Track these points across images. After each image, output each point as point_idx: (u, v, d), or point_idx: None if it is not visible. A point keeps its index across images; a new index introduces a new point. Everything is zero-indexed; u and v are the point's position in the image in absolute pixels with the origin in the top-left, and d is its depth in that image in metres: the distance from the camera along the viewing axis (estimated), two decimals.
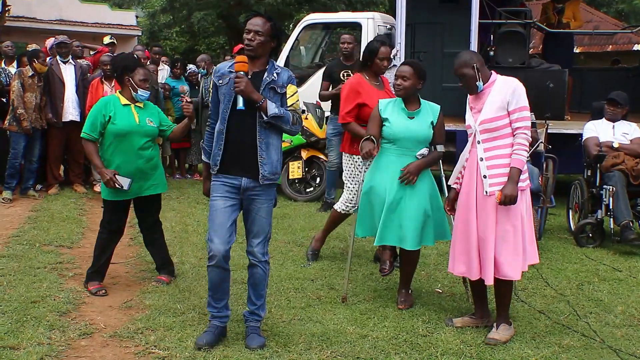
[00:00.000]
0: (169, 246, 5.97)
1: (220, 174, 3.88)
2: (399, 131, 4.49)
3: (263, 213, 3.93)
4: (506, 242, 3.98)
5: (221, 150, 3.84)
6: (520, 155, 3.94)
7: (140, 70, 4.93)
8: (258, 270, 3.98)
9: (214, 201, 3.88)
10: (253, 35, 3.78)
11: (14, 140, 8.11)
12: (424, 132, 4.51)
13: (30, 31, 22.30)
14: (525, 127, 3.96)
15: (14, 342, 3.84)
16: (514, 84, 4.03)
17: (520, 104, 3.96)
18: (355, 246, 5.98)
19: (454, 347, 3.97)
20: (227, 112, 3.83)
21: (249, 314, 4.04)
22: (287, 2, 18.29)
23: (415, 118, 4.52)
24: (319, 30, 11.20)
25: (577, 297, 4.93)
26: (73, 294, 4.76)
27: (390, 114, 4.55)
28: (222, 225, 3.82)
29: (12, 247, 5.97)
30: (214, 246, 3.81)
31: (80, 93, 8.56)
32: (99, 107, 4.84)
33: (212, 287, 3.92)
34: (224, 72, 3.89)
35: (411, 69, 4.49)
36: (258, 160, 3.83)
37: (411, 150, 4.49)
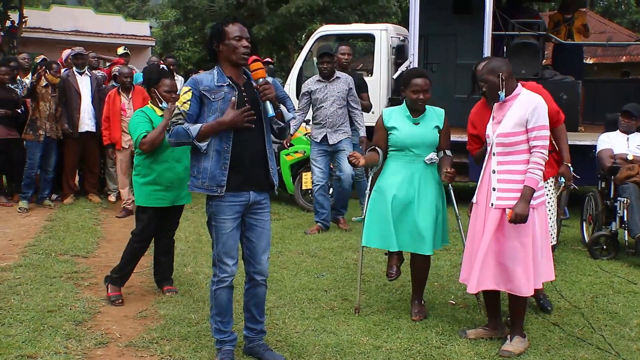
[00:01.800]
0: (183, 256, 6.05)
1: (227, 193, 3.63)
2: (406, 138, 4.53)
3: (268, 225, 3.83)
4: (516, 259, 3.96)
5: (226, 170, 3.61)
6: (534, 175, 3.89)
7: (165, 81, 4.98)
8: (263, 289, 3.88)
9: (223, 224, 3.66)
10: (247, 41, 3.61)
11: (30, 150, 8.24)
12: (430, 137, 4.54)
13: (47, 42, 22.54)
14: (543, 146, 3.91)
15: (32, 351, 3.89)
16: (536, 101, 3.96)
17: (540, 122, 3.90)
18: (368, 257, 6.01)
19: (467, 359, 3.97)
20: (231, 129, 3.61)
21: (254, 333, 3.93)
22: (300, 13, 18.33)
23: (421, 123, 4.56)
24: (332, 42, 11.24)
25: (592, 309, 4.91)
26: (89, 303, 4.81)
27: (395, 122, 4.59)
28: (232, 248, 3.70)
29: (28, 256, 6.04)
30: (228, 269, 3.69)
31: (96, 104, 8.66)
32: (141, 116, 4.90)
33: (222, 311, 3.76)
34: (212, 86, 3.62)
35: (427, 80, 4.52)
36: (270, 171, 3.73)
37: (419, 155, 4.53)
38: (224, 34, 3.61)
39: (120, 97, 8.10)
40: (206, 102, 3.62)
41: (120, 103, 8.05)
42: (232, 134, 3.61)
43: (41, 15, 24.57)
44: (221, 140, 3.61)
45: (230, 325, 3.83)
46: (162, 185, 4.90)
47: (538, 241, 4.01)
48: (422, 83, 4.48)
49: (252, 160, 3.68)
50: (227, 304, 3.76)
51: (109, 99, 8.14)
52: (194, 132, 3.55)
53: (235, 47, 3.59)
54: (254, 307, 3.90)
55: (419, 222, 4.47)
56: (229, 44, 3.60)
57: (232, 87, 3.63)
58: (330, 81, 7.30)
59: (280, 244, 6.75)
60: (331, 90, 7.26)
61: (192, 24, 22.06)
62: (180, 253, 5.96)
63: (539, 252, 4.02)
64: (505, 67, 4.05)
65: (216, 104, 3.60)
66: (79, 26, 25.43)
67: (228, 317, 3.80)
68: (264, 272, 3.83)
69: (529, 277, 3.97)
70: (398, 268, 5.01)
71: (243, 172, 3.65)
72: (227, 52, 3.63)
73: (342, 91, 7.26)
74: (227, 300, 3.75)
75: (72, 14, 26.08)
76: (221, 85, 3.62)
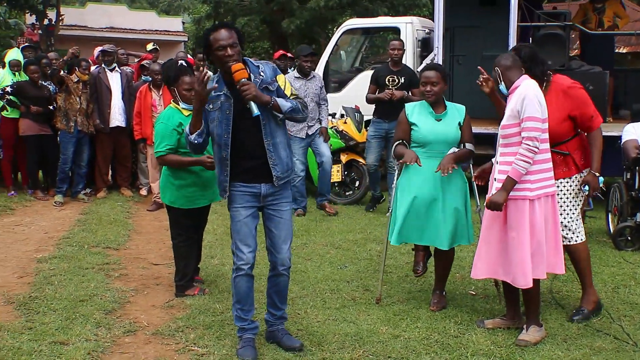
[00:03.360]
0: (210, 248, 6.21)
1: (238, 182, 3.80)
2: (428, 134, 4.58)
3: (287, 215, 3.94)
4: (513, 249, 4.04)
5: (227, 176, 3.78)
6: (518, 166, 3.92)
7: (185, 79, 4.89)
8: (284, 279, 4.00)
9: (236, 212, 3.82)
10: (230, 49, 3.63)
11: (63, 146, 8.50)
12: (452, 134, 4.59)
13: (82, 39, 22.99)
14: (529, 137, 3.92)
15: (64, 338, 4.08)
16: (525, 92, 3.99)
17: (527, 113, 3.93)
18: (392, 249, 6.08)
19: (484, 347, 4.03)
20: (228, 137, 3.72)
21: (274, 318, 4.07)
22: (330, 6, 18.34)
23: (443, 120, 4.60)
24: (358, 35, 11.31)
25: (612, 300, 4.93)
26: (119, 293, 4.99)
27: (417, 118, 4.63)
28: (248, 235, 3.83)
29: (62, 248, 6.27)
30: (244, 256, 3.81)
31: (126, 99, 8.88)
32: (166, 125, 4.82)
33: (241, 298, 3.89)
34: (211, 96, 3.71)
35: (438, 73, 4.59)
36: (269, 163, 3.78)
37: (441, 152, 4.57)
38: (210, 43, 3.68)
39: (152, 93, 8.28)
40: (206, 112, 3.75)
41: (152, 99, 8.24)
42: (229, 141, 3.73)
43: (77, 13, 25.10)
44: (220, 148, 3.78)
45: (250, 314, 3.96)
46: (200, 185, 4.91)
47: (537, 233, 4.03)
48: (430, 75, 4.56)
49: (253, 158, 3.78)
50: (246, 292, 3.90)
51: (140, 95, 8.33)
52: (187, 130, 3.78)
53: (220, 57, 3.65)
54: (275, 294, 4.05)
55: (439, 218, 4.54)
56: (215, 55, 3.68)
57: (228, 97, 3.73)
58: (308, 79, 7.92)
59: (305, 235, 6.87)
60: (310, 88, 7.87)
61: (223, 19, 22.23)
62: (207, 245, 6.12)
63: (537, 243, 4.03)
64: (503, 60, 4.14)
65: (214, 113, 3.76)
66: (113, 23, 25.93)
67: (248, 305, 3.94)
68: (284, 261, 3.95)
69: (525, 269, 4.01)
70: (424, 264, 5.08)
71: (247, 170, 3.80)
72: (216, 61, 3.72)
73: (317, 89, 7.99)
74: (246, 288, 3.89)
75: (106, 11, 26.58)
76: (218, 94, 3.73)
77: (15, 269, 5.61)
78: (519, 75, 4.12)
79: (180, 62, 4.95)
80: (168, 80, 4.99)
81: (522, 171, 3.95)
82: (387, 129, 7.78)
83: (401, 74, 7.90)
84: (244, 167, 3.79)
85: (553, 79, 4.42)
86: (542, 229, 4.05)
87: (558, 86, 4.38)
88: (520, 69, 4.15)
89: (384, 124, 7.86)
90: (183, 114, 4.88)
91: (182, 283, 4.98)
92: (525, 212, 4.00)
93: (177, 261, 5.04)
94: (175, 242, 5.03)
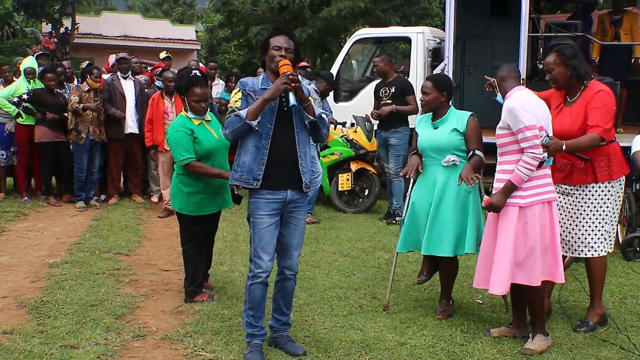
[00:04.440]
0: (220, 255, 6.26)
1: (264, 190, 3.88)
2: (423, 141, 4.70)
3: (302, 224, 4.05)
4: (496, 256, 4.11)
5: (263, 165, 3.85)
6: (520, 172, 3.99)
7: (196, 91, 4.91)
8: (291, 283, 4.09)
9: (260, 219, 3.89)
10: (284, 51, 3.87)
11: (76, 155, 8.60)
12: (443, 140, 4.62)
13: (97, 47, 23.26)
14: (530, 146, 3.96)
15: (74, 342, 4.14)
16: (510, 104, 4.05)
17: (519, 125, 3.98)
18: (400, 257, 6.09)
19: (489, 356, 4.06)
20: (270, 127, 3.87)
21: (279, 324, 4.14)
22: (342, 15, 18.44)
23: (440, 127, 4.67)
24: (370, 45, 11.36)
25: (619, 310, 4.93)
26: (128, 298, 5.05)
27: (421, 127, 4.78)
28: (269, 243, 3.90)
29: (74, 253, 6.34)
30: (263, 263, 3.88)
31: (139, 107, 8.98)
32: (182, 132, 4.82)
33: (254, 305, 3.96)
34: (257, 88, 3.92)
35: (431, 83, 4.68)
36: (300, 169, 3.93)
37: (436, 159, 4.64)
38: (268, 44, 3.94)
39: (164, 100, 8.37)
40: (250, 102, 3.90)
41: (164, 106, 8.31)
42: (271, 132, 3.86)
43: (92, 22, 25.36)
44: (261, 137, 3.87)
45: (261, 321, 4.03)
46: (210, 193, 4.96)
47: (530, 240, 4.06)
48: (424, 85, 4.72)
49: (285, 160, 3.90)
50: (260, 299, 3.97)
51: (153, 102, 8.41)
52: (244, 113, 3.83)
53: (273, 55, 3.90)
54: (282, 299, 4.11)
55: (437, 224, 4.58)
56: (270, 54, 3.92)
57: None
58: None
59: (314, 243, 6.91)
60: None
61: (236, 28, 22.39)
62: (217, 252, 6.16)
63: (530, 250, 4.06)
64: (499, 71, 4.27)
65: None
66: (127, 31, 26.17)
67: (260, 312, 4.00)
68: (293, 267, 4.04)
69: (500, 276, 4.07)
70: (428, 273, 5.09)
71: (278, 169, 3.88)
72: (268, 62, 3.95)
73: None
74: (260, 296, 3.96)
75: (121, 20, 26.85)
76: (265, 88, 3.90)
77: (28, 274, 5.68)
78: (514, 86, 4.20)
79: (194, 72, 4.97)
80: (180, 90, 5.05)
81: (524, 178, 4.00)
82: (385, 137, 8.22)
83: (392, 84, 8.19)
84: (273, 165, 3.87)
85: (590, 84, 4.38)
86: (537, 236, 4.07)
87: (590, 91, 4.35)
88: (517, 80, 4.23)
89: (381, 132, 8.31)
90: (193, 122, 4.93)
91: (192, 289, 5.03)
92: (512, 219, 4.05)
93: (186, 267, 5.10)
94: (185, 248, 5.08)
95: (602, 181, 4.38)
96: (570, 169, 4.42)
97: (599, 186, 4.39)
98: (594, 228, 4.41)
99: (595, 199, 4.40)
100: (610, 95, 4.36)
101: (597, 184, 4.39)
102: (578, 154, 4.36)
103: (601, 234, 4.42)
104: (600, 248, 4.44)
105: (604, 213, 4.41)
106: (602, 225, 4.41)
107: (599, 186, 4.39)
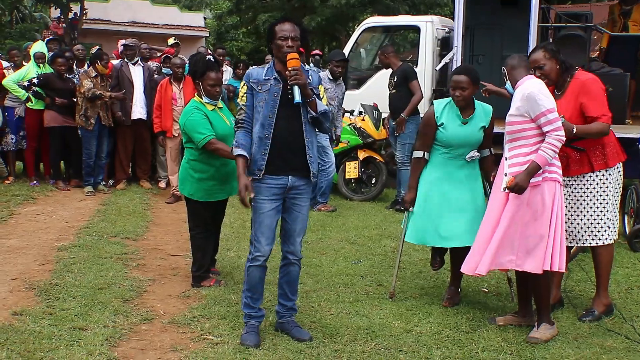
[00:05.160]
0: (227, 241, 6.30)
1: (266, 175, 3.93)
2: (453, 138, 4.57)
3: (305, 210, 4.09)
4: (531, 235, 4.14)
5: (266, 155, 3.90)
6: (545, 153, 3.98)
7: (211, 75, 4.93)
8: (295, 268, 4.13)
9: (260, 204, 3.95)
10: (291, 41, 3.86)
11: (85, 140, 8.63)
12: (474, 138, 4.59)
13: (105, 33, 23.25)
14: (554, 129, 3.98)
15: (83, 324, 4.18)
16: (527, 90, 4.05)
17: (540, 109, 3.99)
18: (407, 245, 6.08)
19: (495, 344, 4.08)
20: (272, 117, 3.89)
21: (285, 310, 4.17)
22: (351, 4, 18.38)
23: (469, 123, 4.58)
24: (378, 33, 11.33)
25: (625, 300, 4.94)
26: (136, 282, 5.09)
27: (445, 119, 4.59)
28: (269, 228, 3.97)
29: (82, 237, 6.38)
30: (261, 247, 3.95)
31: (148, 93, 9.00)
32: (198, 113, 4.87)
33: (252, 287, 4.04)
34: (261, 79, 3.95)
35: (468, 78, 4.48)
36: (307, 159, 3.96)
37: (461, 155, 4.61)
38: (274, 33, 3.93)
39: (172, 86, 8.39)
40: (254, 93, 3.95)
41: (172, 92, 8.33)
42: (273, 122, 3.90)
43: (101, 7, 25.31)
44: (263, 128, 3.91)
45: (259, 302, 4.10)
46: (219, 179, 4.99)
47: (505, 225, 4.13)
48: (460, 80, 4.48)
49: (291, 147, 3.95)
50: (258, 281, 4.05)
51: (161, 88, 8.42)
52: (234, 153, 3.99)
53: (280, 45, 3.89)
54: (287, 284, 4.15)
55: (452, 217, 4.58)
56: (276, 43, 3.91)
57: (278, 80, 3.93)
58: (337, 84, 8.23)
59: (321, 230, 6.93)
60: (337, 92, 8.18)
61: (245, 15, 22.36)
62: (224, 238, 6.19)
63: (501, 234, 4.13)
64: (510, 60, 4.28)
65: (261, 95, 3.94)
66: (136, 17, 26.13)
67: (258, 294, 4.08)
68: (296, 252, 4.09)
69: (477, 254, 4.20)
70: (442, 258, 5.10)
71: (282, 157, 3.93)
72: (275, 50, 3.96)
73: (342, 94, 8.32)
74: (258, 278, 4.04)
75: (130, 6, 26.76)
76: (268, 78, 3.94)
77: (37, 257, 5.73)
78: (524, 75, 4.20)
79: (209, 57, 5.01)
80: (194, 74, 5.03)
81: (549, 159, 4.01)
82: (395, 126, 8.18)
83: (395, 74, 8.23)
84: (278, 153, 3.91)
85: (575, 75, 4.42)
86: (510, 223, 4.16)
87: (576, 81, 4.40)
88: (527, 69, 4.22)
89: (392, 122, 8.33)
90: (207, 108, 4.95)
91: (199, 274, 5.06)
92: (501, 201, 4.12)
93: (194, 252, 5.13)
94: (193, 233, 5.11)
95: (599, 170, 4.43)
96: (566, 161, 4.45)
97: (596, 175, 4.44)
98: (595, 217, 4.44)
99: (593, 187, 4.45)
100: (598, 82, 4.42)
101: (594, 173, 4.43)
102: (573, 146, 4.41)
103: (604, 222, 4.45)
104: (605, 236, 4.46)
105: (604, 201, 4.45)
106: (603, 214, 4.44)
107: (596, 175, 4.44)
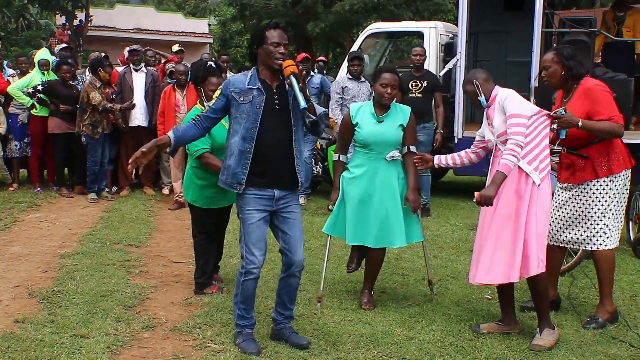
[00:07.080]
0: (230, 247, 6.28)
1: (252, 187, 3.85)
2: (368, 136, 4.63)
3: (299, 217, 4.02)
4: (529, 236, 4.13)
5: (247, 169, 3.81)
6: (507, 160, 3.96)
7: (212, 80, 4.95)
8: (297, 280, 4.06)
9: (249, 214, 3.85)
10: (284, 48, 3.78)
11: (90, 147, 8.62)
12: (392, 136, 4.63)
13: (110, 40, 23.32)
14: (514, 132, 3.98)
15: (85, 332, 4.17)
16: (503, 94, 4.15)
17: (509, 111, 4.05)
18: (409, 252, 6.12)
19: (498, 351, 4.05)
20: (254, 130, 3.78)
21: (282, 317, 4.13)
22: (355, 10, 18.39)
23: (384, 122, 4.64)
24: (382, 39, 11.34)
25: (630, 308, 4.91)
26: (139, 289, 5.08)
27: (360, 119, 4.68)
28: (260, 238, 3.87)
29: (85, 244, 6.38)
30: (255, 259, 3.86)
31: (149, 100, 9.01)
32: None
33: (245, 299, 3.97)
34: (243, 88, 3.81)
35: (396, 77, 4.66)
36: (296, 168, 3.89)
37: (381, 153, 4.64)
38: (264, 38, 3.79)
39: (175, 93, 8.41)
40: (234, 104, 3.82)
41: (175, 99, 8.36)
42: (255, 135, 3.78)
43: (106, 14, 25.47)
44: (244, 141, 3.81)
45: (251, 312, 4.07)
46: (221, 187, 4.93)
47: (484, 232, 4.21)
48: (390, 78, 4.59)
49: (278, 160, 3.85)
50: (252, 293, 3.99)
51: (165, 95, 8.46)
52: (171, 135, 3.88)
53: (272, 52, 3.77)
54: (286, 295, 4.10)
55: (378, 218, 4.63)
56: (267, 49, 3.78)
57: (261, 91, 3.81)
58: (360, 82, 8.48)
59: (324, 237, 6.88)
60: (362, 90, 8.35)
61: (249, 22, 22.39)
62: (227, 245, 6.15)
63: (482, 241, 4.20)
64: (478, 74, 4.29)
65: (244, 106, 3.81)
66: (140, 24, 26.24)
67: (251, 304, 4.04)
68: (300, 263, 4.00)
69: (474, 264, 4.26)
70: (358, 262, 5.15)
71: (267, 171, 3.84)
72: (264, 56, 3.82)
73: (368, 92, 8.46)
74: (252, 290, 3.98)
75: (134, 13, 26.91)
76: (252, 87, 3.81)
77: (40, 264, 5.73)
78: (495, 86, 4.26)
79: (210, 63, 5.01)
80: (196, 80, 5.05)
81: (512, 166, 3.99)
82: None
83: (424, 78, 8.19)
84: (263, 167, 3.82)
85: (581, 82, 4.42)
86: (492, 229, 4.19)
87: (582, 88, 4.39)
88: (494, 82, 4.29)
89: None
90: None
91: (202, 280, 5.05)
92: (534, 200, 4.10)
93: (197, 258, 5.12)
94: (196, 239, 5.10)
95: (603, 177, 4.42)
96: (573, 169, 4.48)
97: (600, 183, 4.43)
98: (592, 222, 4.45)
99: (594, 194, 4.45)
100: (605, 88, 4.42)
101: (597, 181, 4.43)
102: (577, 153, 4.43)
103: (600, 228, 4.45)
104: (600, 241, 4.46)
105: (602, 208, 4.43)
106: (601, 220, 4.44)
107: (600, 183, 4.43)
